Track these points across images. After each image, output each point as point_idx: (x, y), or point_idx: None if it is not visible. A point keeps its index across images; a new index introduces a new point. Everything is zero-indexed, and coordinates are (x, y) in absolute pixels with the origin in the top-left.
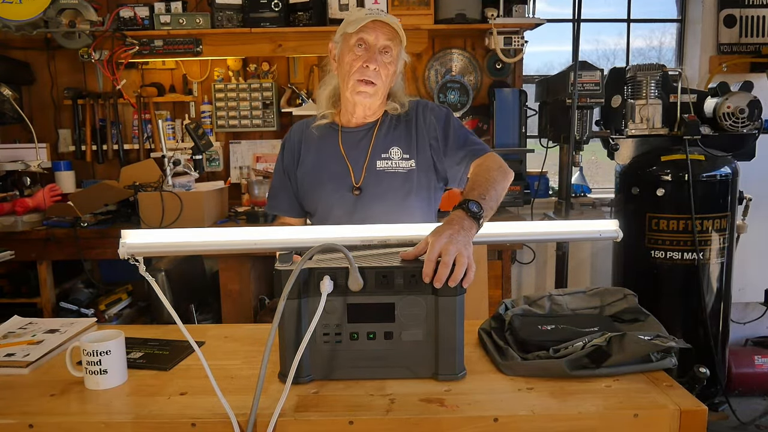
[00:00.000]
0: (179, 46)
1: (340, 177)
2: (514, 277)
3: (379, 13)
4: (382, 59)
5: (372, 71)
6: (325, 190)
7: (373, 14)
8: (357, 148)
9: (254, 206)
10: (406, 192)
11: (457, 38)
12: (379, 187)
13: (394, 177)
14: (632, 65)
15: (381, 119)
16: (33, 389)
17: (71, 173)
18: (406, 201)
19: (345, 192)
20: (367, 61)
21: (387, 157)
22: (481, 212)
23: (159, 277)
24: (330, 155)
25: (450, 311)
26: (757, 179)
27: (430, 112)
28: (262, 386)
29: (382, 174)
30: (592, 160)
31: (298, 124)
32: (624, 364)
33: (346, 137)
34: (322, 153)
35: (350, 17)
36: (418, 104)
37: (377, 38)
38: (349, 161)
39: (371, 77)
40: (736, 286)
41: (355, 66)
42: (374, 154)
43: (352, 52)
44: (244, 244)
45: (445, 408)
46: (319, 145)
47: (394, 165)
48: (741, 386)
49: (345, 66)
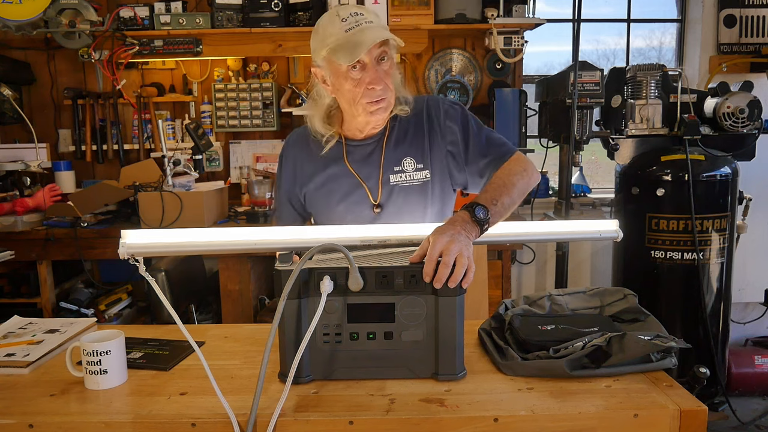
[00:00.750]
0: (179, 46)
1: (354, 195)
2: (514, 277)
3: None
4: (382, 69)
5: (381, 89)
6: (337, 210)
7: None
8: (367, 163)
9: (254, 206)
10: (424, 204)
11: (457, 38)
12: (395, 203)
13: (410, 190)
14: (632, 65)
15: (389, 127)
16: (33, 389)
17: (71, 173)
18: (423, 213)
19: (363, 210)
20: (370, 83)
21: (400, 170)
22: (487, 218)
23: (159, 277)
24: (338, 174)
25: (450, 311)
26: (757, 179)
27: (444, 115)
28: (262, 386)
29: (397, 189)
30: (592, 160)
31: (295, 138)
32: (624, 364)
33: (353, 152)
34: (329, 171)
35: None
36: (428, 102)
37: (370, 53)
38: (362, 178)
39: (381, 95)
40: (736, 286)
41: (359, 92)
42: (387, 168)
43: (349, 78)
44: (244, 244)
45: (445, 408)
46: (325, 162)
47: (408, 178)
48: (741, 386)
49: (346, 93)
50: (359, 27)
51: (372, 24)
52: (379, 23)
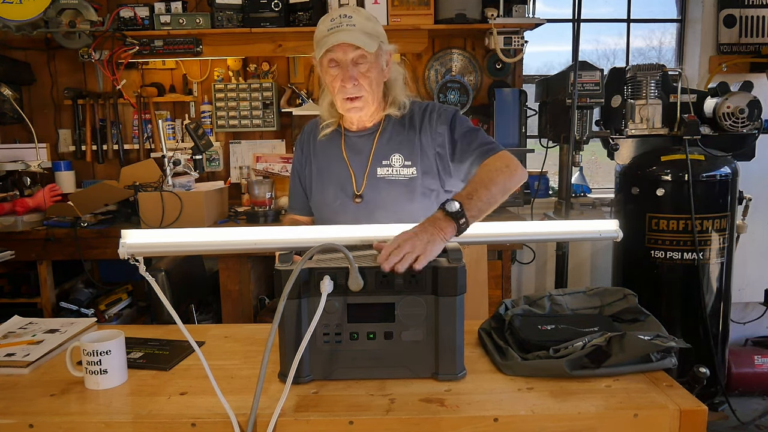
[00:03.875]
0: (179, 46)
1: (342, 183)
2: (514, 277)
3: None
4: (357, 71)
5: (351, 87)
6: (327, 195)
7: (334, 31)
8: (359, 153)
9: (254, 206)
10: (408, 199)
11: (457, 38)
12: (379, 194)
13: (395, 184)
14: (632, 65)
15: (383, 123)
16: (33, 389)
17: (71, 173)
18: (407, 208)
19: (346, 199)
20: (343, 80)
21: (388, 164)
22: (461, 211)
23: (159, 277)
24: (334, 159)
25: (450, 311)
26: (757, 179)
27: (436, 118)
28: (262, 386)
29: (382, 181)
30: (592, 160)
31: (310, 124)
32: (624, 364)
33: (349, 141)
34: (327, 156)
35: (317, 32)
36: (425, 108)
37: (345, 53)
38: (352, 167)
39: (354, 93)
40: (735, 286)
41: (335, 86)
42: (375, 161)
43: (328, 73)
44: (244, 244)
45: (445, 408)
46: (326, 147)
47: (395, 172)
48: (741, 386)
49: (329, 86)
50: (339, 28)
51: (353, 27)
52: (363, 28)
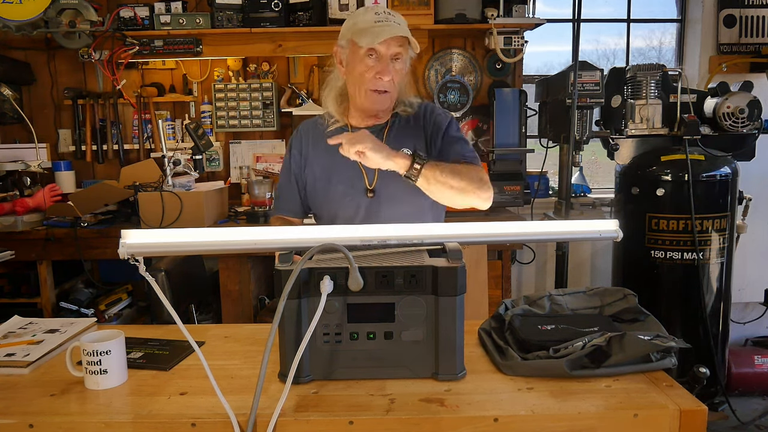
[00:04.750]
0: (179, 46)
1: (352, 180)
2: (514, 277)
3: (390, 23)
4: (394, 67)
5: (387, 81)
6: (336, 193)
7: (382, 24)
8: None
9: (254, 206)
10: (419, 192)
11: (457, 38)
12: (391, 188)
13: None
14: (632, 65)
15: (391, 120)
16: (33, 389)
17: (71, 173)
18: (417, 201)
19: (357, 194)
20: (380, 73)
21: None
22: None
23: (159, 277)
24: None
25: (450, 311)
26: (757, 179)
27: (437, 117)
28: (262, 386)
29: (393, 175)
30: (592, 160)
31: (306, 124)
32: (624, 364)
33: None
34: (333, 154)
35: (357, 21)
36: (427, 107)
37: (389, 47)
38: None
39: (385, 87)
40: (735, 286)
41: (367, 76)
42: None
43: (363, 62)
44: (244, 244)
45: (445, 408)
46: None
47: None
48: (741, 386)
49: (356, 75)
50: (387, 22)
51: (399, 25)
52: (405, 28)
